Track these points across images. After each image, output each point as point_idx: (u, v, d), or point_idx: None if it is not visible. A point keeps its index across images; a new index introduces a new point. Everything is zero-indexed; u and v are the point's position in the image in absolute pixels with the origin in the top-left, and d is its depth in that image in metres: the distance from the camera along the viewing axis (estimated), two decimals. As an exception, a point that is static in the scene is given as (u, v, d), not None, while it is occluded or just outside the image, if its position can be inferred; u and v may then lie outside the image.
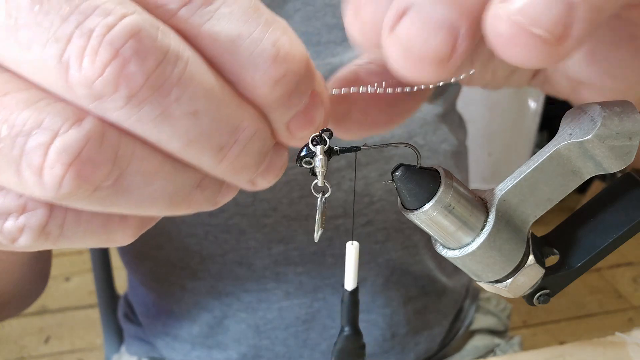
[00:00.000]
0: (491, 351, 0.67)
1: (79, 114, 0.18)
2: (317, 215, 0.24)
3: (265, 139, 0.20)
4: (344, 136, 0.26)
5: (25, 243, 0.19)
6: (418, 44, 0.18)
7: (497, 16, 0.17)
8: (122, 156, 0.18)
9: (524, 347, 0.70)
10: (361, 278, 0.56)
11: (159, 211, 0.21)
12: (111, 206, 0.19)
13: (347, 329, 0.30)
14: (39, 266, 0.52)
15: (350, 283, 0.28)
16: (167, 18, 0.18)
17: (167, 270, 0.59)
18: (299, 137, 0.21)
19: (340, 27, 0.52)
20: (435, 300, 0.62)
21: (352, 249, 0.27)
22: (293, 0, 0.51)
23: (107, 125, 0.18)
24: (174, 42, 0.17)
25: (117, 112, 0.17)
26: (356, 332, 0.30)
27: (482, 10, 0.18)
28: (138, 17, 0.17)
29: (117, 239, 0.22)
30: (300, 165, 0.21)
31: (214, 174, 0.20)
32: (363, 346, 0.31)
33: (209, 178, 0.21)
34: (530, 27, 0.17)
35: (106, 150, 0.18)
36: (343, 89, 0.23)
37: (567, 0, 0.17)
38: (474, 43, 0.18)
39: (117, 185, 0.18)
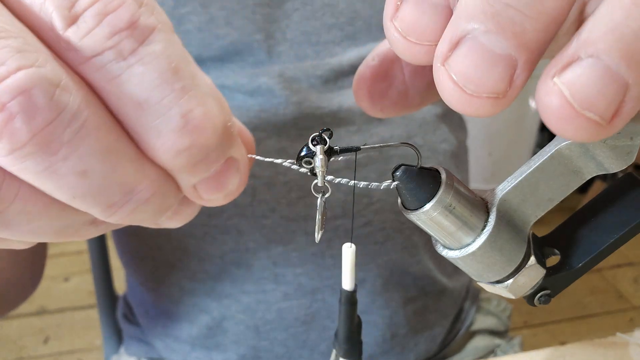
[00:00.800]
0: (492, 352, 0.67)
1: None
2: (318, 216, 0.24)
3: (166, 198, 0.20)
4: (378, 114, 0.25)
5: None
6: (474, 79, 0.17)
7: (551, 91, 0.16)
8: (4, 197, 0.18)
9: (524, 347, 0.70)
10: (360, 279, 0.56)
11: (44, 240, 0.20)
12: None
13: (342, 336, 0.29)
14: (32, 258, 0.52)
15: (347, 284, 0.28)
16: (77, 64, 0.17)
17: (165, 271, 0.58)
18: (208, 199, 0.21)
19: (339, 27, 0.52)
20: (435, 300, 0.61)
21: (348, 251, 0.27)
22: (292, 0, 0.51)
23: None
24: (74, 99, 0.17)
25: (1, 159, 0.17)
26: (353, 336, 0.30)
27: (542, 42, 0.17)
28: (35, 71, 0.16)
29: (13, 246, 0.22)
30: (301, 166, 0.21)
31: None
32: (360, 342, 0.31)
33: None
34: (583, 110, 0.16)
35: None
36: (261, 157, 0.22)
37: (622, 81, 0.16)
38: (530, 75, 0.17)
39: None
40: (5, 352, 1.48)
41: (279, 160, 0.23)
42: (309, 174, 0.22)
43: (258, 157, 0.22)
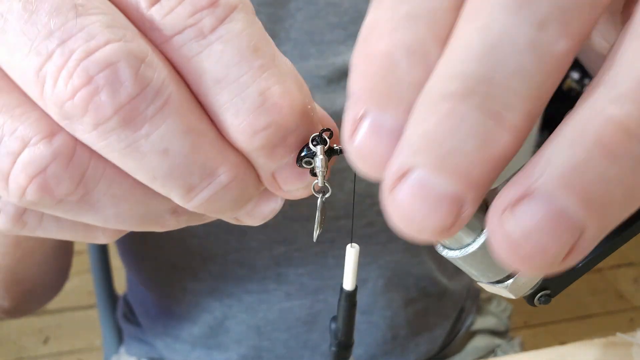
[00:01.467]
0: (492, 352, 0.67)
1: (52, 128, 0.17)
2: (317, 216, 0.24)
3: (246, 187, 0.20)
4: None
5: (1, 226, 0.20)
6: (418, 218, 0.16)
7: (500, 230, 0.15)
8: (90, 176, 0.18)
9: (524, 347, 0.70)
10: (362, 279, 0.56)
11: (127, 228, 0.20)
12: (77, 218, 0.19)
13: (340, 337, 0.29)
14: (62, 258, 0.53)
15: (348, 285, 0.28)
16: (159, 43, 0.18)
17: (167, 270, 0.58)
18: (288, 190, 0.20)
19: (343, 26, 0.52)
20: (436, 301, 0.61)
21: (351, 252, 0.27)
22: (296, 0, 0.51)
23: (79, 144, 0.18)
24: (158, 76, 0.17)
25: (86, 136, 0.17)
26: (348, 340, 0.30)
27: (489, 179, 0.15)
28: (122, 45, 0.17)
29: (98, 238, 0.22)
30: (301, 166, 0.21)
31: (186, 208, 0.20)
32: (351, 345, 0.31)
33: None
34: (532, 257, 0.15)
35: (73, 168, 0.18)
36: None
37: (577, 226, 0.14)
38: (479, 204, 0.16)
39: (82, 201, 0.18)
40: (5, 352, 1.48)
41: None
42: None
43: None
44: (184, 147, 0.18)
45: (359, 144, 0.17)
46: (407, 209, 0.16)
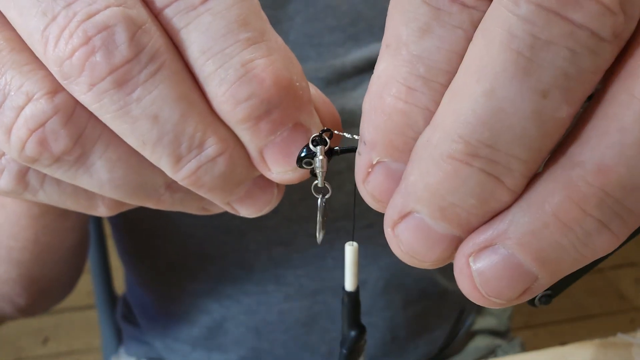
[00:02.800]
0: (492, 352, 0.67)
1: (56, 87, 0.18)
2: (318, 217, 0.24)
3: (235, 165, 0.20)
4: None
5: (4, 185, 0.21)
6: (418, 253, 0.18)
7: (464, 272, 0.17)
8: (87, 137, 0.19)
9: (525, 348, 0.70)
10: (362, 281, 0.56)
11: (123, 198, 0.21)
12: (74, 181, 0.20)
13: (352, 332, 0.29)
14: (77, 258, 0.55)
15: (349, 285, 0.28)
16: (156, 13, 0.18)
17: (165, 271, 0.58)
18: (277, 173, 0.21)
19: (342, 29, 0.52)
20: (436, 303, 0.61)
21: (350, 250, 0.27)
22: (294, 2, 0.51)
23: (79, 105, 0.19)
24: (154, 43, 0.18)
25: (83, 96, 0.18)
26: (360, 332, 0.30)
27: (482, 220, 0.17)
28: (122, 10, 0.17)
29: (98, 208, 0.23)
30: (301, 167, 0.21)
31: (178, 181, 0.20)
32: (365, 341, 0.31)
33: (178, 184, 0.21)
34: (490, 297, 0.17)
35: (72, 127, 0.19)
36: (346, 133, 0.22)
37: (531, 276, 0.16)
38: None
39: (79, 162, 0.19)
40: (4, 352, 1.48)
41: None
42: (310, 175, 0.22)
43: (346, 134, 0.22)
44: (174, 114, 0.18)
45: (373, 187, 0.18)
46: (409, 246, 0.18)
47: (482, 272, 0.17)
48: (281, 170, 0.20)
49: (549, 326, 1.61)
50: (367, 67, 0.52)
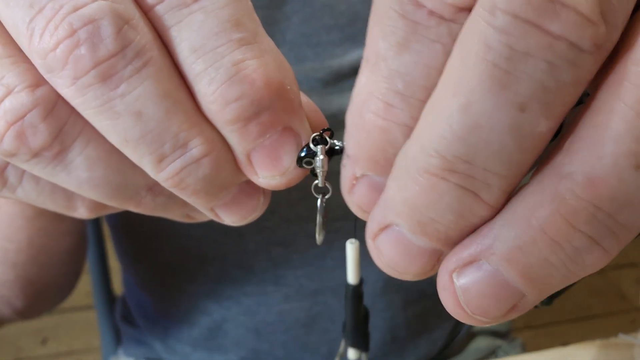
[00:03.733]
0: (493, 353, 0.66)
1: (38, 80, 0.18)
2: (318, 217, 0.24)
3: (220, 168, 0.19)
4: None
5: None
6: (399, 266, 0.18)
7: (447, 288, 0.17)
8: (67, 133, 0.18)
9: (526, 348, 0.70)
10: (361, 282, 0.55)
11: (103, 199, 0.21)
12: (53, 178, 0.20)
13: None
14: (75, 263, 0.55)
15: (352, 279, 0.28)
16: (146, 10, 0.18)
17: (164, 272, 0.58)
18: (264, 177, 0.20)
19: (339, 28, 0.52)
20: (435, 303, 0.61)
21: (351, 247, 0.27)
22: (292, 2, 0.51)
23: (60, 100, 0.18)
24: (140, 39, 0.17)
25: (65, 90, 0.18)
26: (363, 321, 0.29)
27: (462, 235, 0.17)
28: (108, 4, 0.17)
29: (78, 209, 0.22)
30: (301, 167, 0.21)
31: (160, 182, 0.20)
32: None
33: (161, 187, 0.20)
34: (474, 315, 0.17)
35: (52, 121, 0.18)
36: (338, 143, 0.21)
37: (517, 294, 0.16)
38: None
39: (58, 159, 0.19)
40: (3, 353, 1.48)
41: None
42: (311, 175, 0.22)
43: (337, 144, 0.21)
44: (158, 112, 0.18)
45: (358, 199, 0.18)
46: (390, 258, 0.17)
47: (466, 289, 0.16)
48: (268, 174, 0.20)
49: (550, 327, 1.61)
50: None
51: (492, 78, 0.14)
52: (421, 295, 0.60)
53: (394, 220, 0.17)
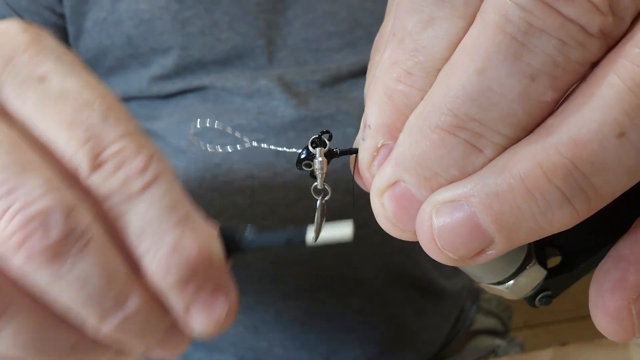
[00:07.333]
0: (492, 352, 0.67)
1: None
2: (317, 218, 0.24)
3: (155, 315, 0.23)
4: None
5: None
6: (403, 221, 0.19)
7: (424, 220, 0.18)
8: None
9: (525, 348, 0.70)
10: (359, 280, 0.56)
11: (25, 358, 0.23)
12: None
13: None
14: None
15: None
16: (93, 200, 0.22)
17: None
18: (199, 325, 0.24)
19: (340, 35, 0.53)
20: (434, 302, 0.61)
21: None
22: (294, 8, 0.52)
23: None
24: (83, 222, 0.21)
25: (19, 268, 0.21)
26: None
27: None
28: (54, 199, 0.20)
29: None
30: (301, 169, 0.21)
31: (102, 334, 0.23)
32: None
33: (85, 341, 0.23)
34: (445, 250, 0.18)
35: None
36: None
37: (487, 238, 0.17)
38: None
39: None
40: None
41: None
42: (310, 176, 0.22)
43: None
44: (100, 281, 0.21)
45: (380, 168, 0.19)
46: (393, 214, 0.19)
47: (442, 225, 0.17)
48: (203, 322, 0.24)
49: (549, 326, 1.61)
50: (362, 72, 0.52)
51: (509, 48, 0.16)
52: (419, 294, 0.60)
53: (401, 176, 0.18)
